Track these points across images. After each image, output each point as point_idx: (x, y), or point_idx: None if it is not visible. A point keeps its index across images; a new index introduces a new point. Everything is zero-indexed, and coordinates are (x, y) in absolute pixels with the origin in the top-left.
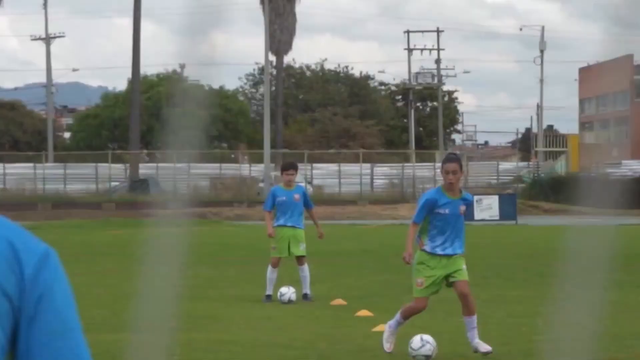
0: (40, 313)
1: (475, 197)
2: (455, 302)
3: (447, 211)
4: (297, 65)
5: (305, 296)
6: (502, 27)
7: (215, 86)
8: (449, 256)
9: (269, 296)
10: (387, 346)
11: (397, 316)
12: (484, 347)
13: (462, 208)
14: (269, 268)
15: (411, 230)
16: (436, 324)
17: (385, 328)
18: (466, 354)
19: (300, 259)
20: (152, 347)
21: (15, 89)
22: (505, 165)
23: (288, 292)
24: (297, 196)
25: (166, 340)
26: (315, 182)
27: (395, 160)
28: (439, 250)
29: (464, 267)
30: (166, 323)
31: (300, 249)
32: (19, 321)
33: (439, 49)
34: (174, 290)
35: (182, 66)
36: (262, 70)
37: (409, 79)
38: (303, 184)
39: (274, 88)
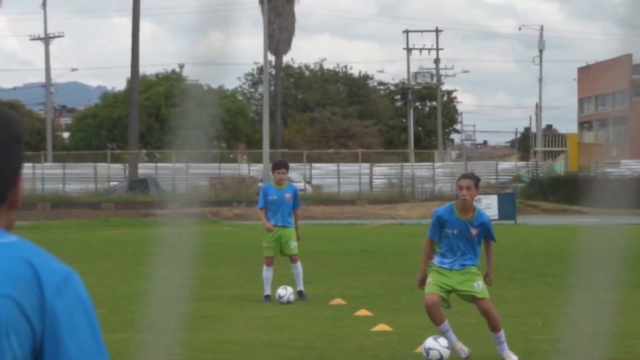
0: (62, 337)
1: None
2: (457, 301)
3: (455, 232)
4: (296, 65)
5: (300, 294)
6: (501, 27)
7: (215, 86)
8: (459, 269)
9: (267, 296)
10: (462, 352)
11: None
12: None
13: (473, 232)
14: (264, 267)
15: (426, 246)
16: None
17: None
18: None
19: (292, 257)
20: (160, 346)
21: (14, 88)
22: (504, 165)
23: (286, 293)
24: (288, 195)
25: (175, 339)
26: (314, 181)
27: (394, 160)
28: (446, 266)
29: (480, 283)
30: (177, 322)
31: (291, 248)
32: (43, 344)
33: (438, 49)
34: (184, 290)
35: (182, 66)
36: (261, 70)
37: (408, 79)
38: (301, 184)
39: (273, 88)
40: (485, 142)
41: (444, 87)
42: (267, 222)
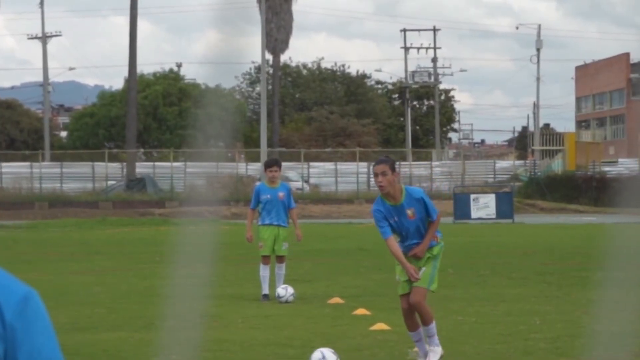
0: (22, 356)
1: (472, 196)
2: (453, 300)
3: (395, 219)
4: (293, 64)
5: (277, 295)
6: (499, 26)
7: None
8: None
9: (265, 295)
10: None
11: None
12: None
13: (410, 212)
14: (261, 266)
15: (391, 246)
16: (435, 321)
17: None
18: (466, 351)
19: (280, 258)
20: (183, 343)
21: (12, 87)
22: (501, 164)
23: (286, 294)
24: (281, 194)
25: (196, 335)
26: (311, 180)
27: None
28: (404, 250)
29: (424, 269)
30: (195, 319)
31: (283, 249)
32: None
33: (435, 48)
34: (203, 288)
35: (179, 65)
36: (258, 69)
37: (406, 78)
38: (299, 183)
39: (270, 87)
40: (482, 141)
41: (442, 86)
42: (249, 231)
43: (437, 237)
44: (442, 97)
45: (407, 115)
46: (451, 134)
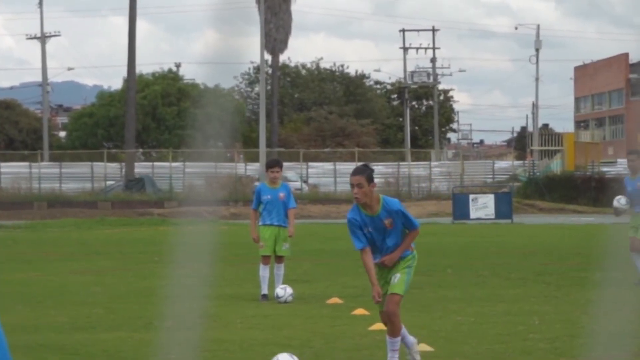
0: None
1: (471, 196)
2: (452, 300)
3: (370, 229)
4: (292, 64)
5: (276, 295)
6: (497, 26)
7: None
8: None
9: (264, 295)
10: None
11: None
12: None
13: (387, 222)
14: (260, 266)
15: (365, 259)
16: (433, 322)
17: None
18: (465, 352)
19: (279, 258)
20: (182, 343)
21: (11, 87)
22: (500, 164)
23: (285, 294)
24: (282, 194)
25: (195, 335)
26: (310, 180)
27: (390, 159)
28: (378, 261)
29: (398, 276)
30: (194, 319)
31: (283, 249)
32: None
33: (434, 48)
34: (202, 288)
35: (178, 65)
36: (257, 69)
37: (405, 78)
38: (298, 183)
39: (269, 87)
40: (481, 141)
41: (441, 86)
42: (253, 232)
43: (411, 247)
44: (441, 97)
45: (406, 115)
46: (450, 134)
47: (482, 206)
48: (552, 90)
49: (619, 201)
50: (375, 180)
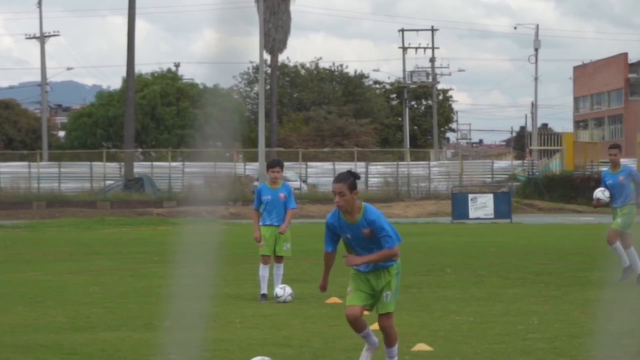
0: None
1: (470, 196)
2: (451, 300)
3: (349, 236)
4: (291, 64)
5: (275, 295)
6: (497, 26)
7: (210, 85)
8: (372, 271)
9: (264, 295)
10: None
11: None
12: None
13: (366, 231)
14: (260, 266)
15: (325, 258)
16: (432, 322)
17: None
18: (464, 351)
19: (279, 258)
20: (181, 343)
21: (10, 87)
22: (499, 164)
23: (284, 294)
24: (282, 195)
25: (194, 335)
26: (309, 180)
27: (389, 159)
28: (361, 269)
29: (389, 294)
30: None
31: (284, 249)
32: None
33: (433, 48)
34: (202, 288)
35: (177, 65)
36: (256, 69)
37: (404, 78)
38: (297, 183)
39: (268, 87)
40: (480, 141)
41: (440, 86)
42: (256, 231)
43: (396, 257)
44: (440, 97)
45: (405, 115)
46: (449, 134)
47: (481, 206)
48: (551, 90)
49: (604, 193)
50: (375, 179)
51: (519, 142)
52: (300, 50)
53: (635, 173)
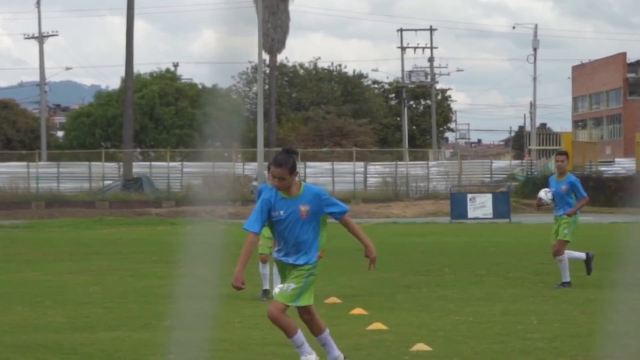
0: None
1: (469, 196)
2: (451, 300)
3: (281, 213)
4: (290, 64)
5: (266, 292)
6: (495, 26)
7: (209, 85)
8: (293, 265)
9: (265, 291)
10: None
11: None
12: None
13: (303, 208)
14: (260, 265)
15: (247, 243)
16: (432, 321)
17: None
18: (463, 351)
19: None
20: (180, 343)
21: (9, 87)
22: (498, 164)
23: None
24: None
25: (194, 335)
26: (308, 180)
27: (388, 159)
28: (280, 256)
29: (292, 285)
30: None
31: None
32: None
33: (432, 48)
34: (202, 288)
35: (176, 65)
36: (255, 68)
37: (402, 78)
38: None
39: (267, 87)
40: (479, 141)
41: (438, 86)
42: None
43: (319, 255)
44: (439, 97)
45: (404, 115)
46: (448, 134)
47: (480, 206)
48: (549, 90)
49: (547, 194)
50: (373, 179)
51: (517, 142)
52: (299, 50)
53: (575, 184)
